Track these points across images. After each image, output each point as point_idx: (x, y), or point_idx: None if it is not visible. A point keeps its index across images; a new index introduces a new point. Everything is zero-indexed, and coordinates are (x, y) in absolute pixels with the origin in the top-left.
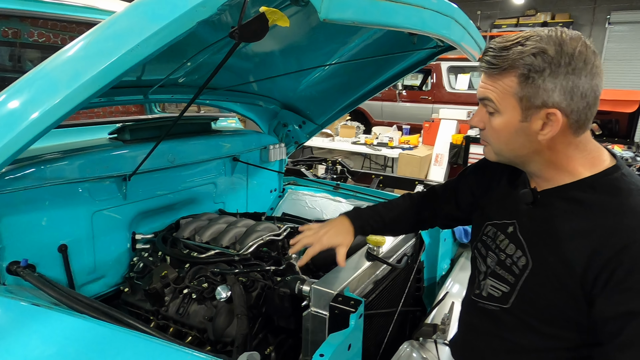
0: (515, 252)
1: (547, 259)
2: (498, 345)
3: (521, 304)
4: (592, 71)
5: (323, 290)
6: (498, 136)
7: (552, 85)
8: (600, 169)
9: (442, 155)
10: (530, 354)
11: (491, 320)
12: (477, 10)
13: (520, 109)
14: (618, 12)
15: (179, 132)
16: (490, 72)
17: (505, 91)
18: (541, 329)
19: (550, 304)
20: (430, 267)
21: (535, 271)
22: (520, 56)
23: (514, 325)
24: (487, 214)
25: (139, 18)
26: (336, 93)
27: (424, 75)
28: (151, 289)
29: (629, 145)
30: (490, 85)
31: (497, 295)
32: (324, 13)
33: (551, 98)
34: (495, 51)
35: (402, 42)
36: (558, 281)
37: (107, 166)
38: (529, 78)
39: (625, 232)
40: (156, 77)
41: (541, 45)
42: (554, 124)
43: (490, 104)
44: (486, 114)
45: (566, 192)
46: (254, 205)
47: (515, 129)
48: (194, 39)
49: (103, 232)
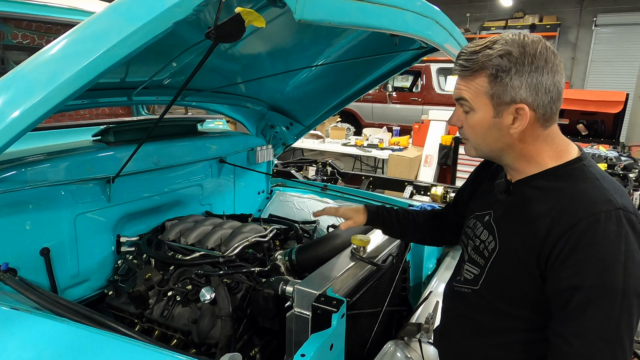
0: (487, 237)
1: (510, 241)
2: (468, 327)
3: (488, 284)
4: (553, 69)
5: (306, 291)
6: (474, 132)
7: (518, 82)
8: (565, 160)
9: (431, 156)
10: (497, 335)
11: (463, 302)
12: (467, 12)
13: (492, 106)
14: (604, 15)
15: (164, 134)
16: (463, 74)
17: (477, 91)
18: (505, 310)
19: (512, 284)
20: (416, 266)
21: (501, 253)
22: (488, 58)
23: (481, 307)
24: (472, 209)
25: (116, 19)
26: (323, 94)
27: (414, 77)
28: (135, 291)
29: (614, 145)
30: (464, 86)
31: (469, 278)
32: (298, 13)
33: (518, 94)
34: (466, 55)
35: (387, 43)
36: (519, 261)
37: (91, 168)
38: (497, 77)
39: (574, 212)
40: (140, 79)
41: (506, 47)
42: (522, 118)
43: (465, 103)
44: (462, 112)
45: (533, 181)
46: (241, 206)
47: (489, 124)
48: (176, 39)
49: (87, 235)
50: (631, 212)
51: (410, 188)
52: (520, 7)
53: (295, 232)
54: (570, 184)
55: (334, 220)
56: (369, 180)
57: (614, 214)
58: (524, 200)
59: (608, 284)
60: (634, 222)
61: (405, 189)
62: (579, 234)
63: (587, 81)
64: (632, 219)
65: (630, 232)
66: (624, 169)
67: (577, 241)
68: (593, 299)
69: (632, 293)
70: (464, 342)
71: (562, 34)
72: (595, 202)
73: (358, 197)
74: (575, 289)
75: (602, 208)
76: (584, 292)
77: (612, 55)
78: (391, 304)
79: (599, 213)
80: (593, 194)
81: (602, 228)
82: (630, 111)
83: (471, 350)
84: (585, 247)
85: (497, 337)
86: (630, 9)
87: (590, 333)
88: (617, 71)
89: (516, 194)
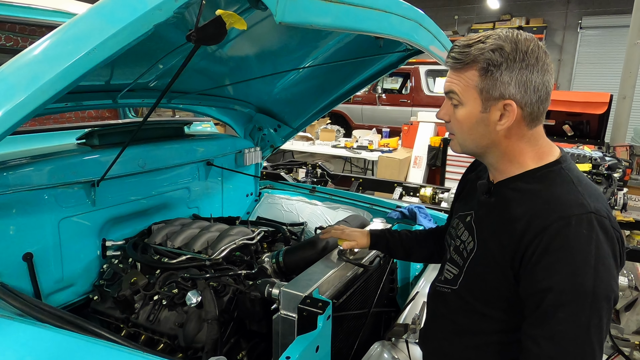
0: (467, 237)
1: (488, 242)
2: (448, 328)
3: (466, 284)
4: (543, 68)
5: (292, 293)
6: (461, 126)
7: (508, 78)
8: (545, 162)
9: (420, 158)
10: (474, 336)
11: (443, 303)
12: (455, 15)
13: (481, 100)
14: (589, 17)
15: (150, 136)
16: (455, 67)
17: (467, 84)
18: (482, 310)
19: (489, 285)
20: (404, 267)
21: (478, 254)
22: (480, 52)
23: (459, 307)
24: (457, 209)
25: (98, 21)
26: (311, 96)
27: (403, 78)
28: (120, 296)
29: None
30: (454, 79)
31: (449, 278)
32: (279, 16)
33: (507, 90)
34: (459, 48)
35: (372, 45)
36: (495, 262)
37: (75, 172)
38: (488, 71)
39: (546, 215)
40: (125, 81)
41: (499, 42)
42: (510, 114)
43: (455, 96)
44: (451, 107)
45: (513, 182)
46: (229, 209)
47: (476, 119)
48: (161, 42)
49: (71, 240)
50: (604, 217)
51: (400, 189)
52: (508, 9)
53: (282, 235)
54: (547, 186)
55: (322, 222)
56: (358, 181)
57: (585, 218)
58: (503, 201)
59: (578, 288)
60: (607, 226)
61: (394, 190)
62: (550, 237)
63: (573, 82)
64: (604, 222)
65: (602, 236)
66: (608, 169)
67: (548, 244)
68: (563, 302)
69: (601, 297)
70: (444, 342)
71: (549, 36)
72: (568, 206)
73: (346, 199)
74: (546, 292)
75: (574, 211)
76: (554, 295)
77: (597, 57)
78: (379, 305)
79: (570, 217)
80: (566, 197)
81: (573, 231)
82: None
83: (450, 350)
84: (557, 250)
85: (474, 338)
86: (614, 12)
87: (560, 336)
88: (602, 72)
89: (496, 196)
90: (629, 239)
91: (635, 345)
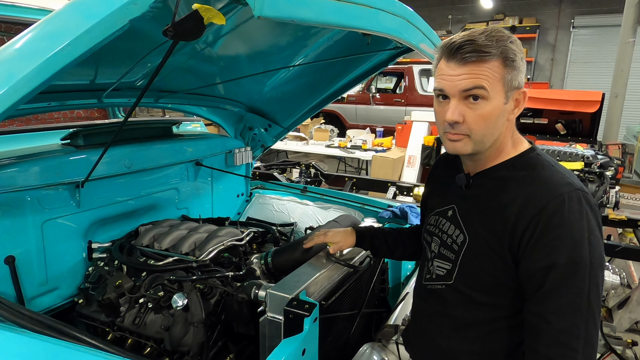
0: (455, 231)
1: (479, 232)
2: (445, 324)
3: (462, 277)
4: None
5: (278, 295)
6: (486, 123)
7: (522, 67)
8: (520, 150)
9: (414, 157)
10: (473, 327)
11: (438, 300)
12: (449, 14)
13: (504, 92)
14: (582, 17)
15: (137, 136)
16: (479, 59)
17: (494, 77)
18: (480, 300)
19: (487, 273)
20: (395, 267)
21: (471, 244)
22: (504, 44)
23: (457, 301)
24: (431, 207)
25: (73, 17)
26: (301, 95)
27: (397, 78)
28: (105, 299)
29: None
30: (478, 73)
31: (442, 274)
32: (257, 10)
33: (521, 79)
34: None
35: (362, 43)
36: (491, 250)
37: (58, 173)
38: (513, 62)
39: (540, 197)
40: (110, 80)
41: (508, 35)
42: (522, 102)
43: (482, 92)
44: (464, 106)
45: (494, 172)
46: (220, 210)
47: (500, 111)
48: (144, 39)
49: (55, 242)
50: (587, 192)
51: (394, 189)
52: (501, 9)
53: (272, 235)
54: (530, 172)
55: (313, 222)
56: (352, 181)
57: (574, 195)
58: (487, 191)
59: (577, 260)
60: (590, 200)
61: (388, 189)
62: (548, 215)
63: (566, 81)
64: (588, 197)
65: (589, 209)
66: (600, 167)
67: (546, 223)
68: (566, 275)
69: (597, 265)
70: (441, 340)
71: (542, 36)
72: (558, 185)
73: (338, 199)
74: (549, 268)
75: (565, 190)
76: (558, 270)
77: (590, 55)
78: (370, 306)
79: (563, 194)
80: (554, 178)
81: (567, 208)
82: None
83: (450, 347)
84: (556, 227)
85: (475, 330)
86: (606, 11)
87: (566, 308)
88: (595, 71)
89: (477, 187)
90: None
91: (628, 343)
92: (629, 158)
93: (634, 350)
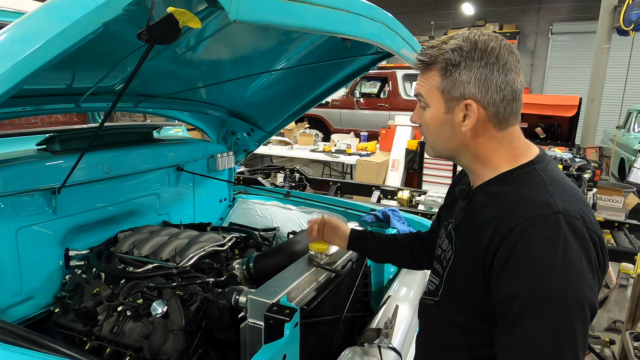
0: (448, 246)
1: (462, 250)
2: (433, 343)
3: (445, 294)
4: (506, 67)
5: (259, 300)
6: (429, 129)
7: (467, 77)
8: (519, 163)
9: (398, 161)
10: (456, 351)
11: (428, 315)
12: (431, 20)
13: (444, 101)
14: (560, 24)
15: (116, 141)
16: (419, 69)
17: (431, 85)
18: (461, 322)
19: (464, 295)
20: (378, 271)
21: (454, 261)
22: (441, 52)
23: (442, 320)
24: (444, 218)
25: (45, 19)
26: (283, 99)
27: (381, 83)
28: (82, 308)
29: (570, 147)
30: (421, 81)
31: (432, 289)
32: (233, 14)
33: (467, 90)
34: (424, 50)
35: (343, 48)
36: (468, 269)
37: (33, 179)
38: (447, 71)
39: (512, 218)
40: (88, 85)
41: (459, 42)
42: (471, 114)
43: (421, 98)
44: (421, 110)
45: (487, 186)
46: (202, 215)
47: (441, 120)
48: (122, 43)
49: (30, 250)
50: (575, 217)
51: (378, 193)
52: (482, 15)
53: (254, 240)
54: (516, 188)
55: (296, 226)
56: (336, 185)
57: (551, 218)
58: (477, 207)
59: (543, 292)
60: (577, 226)
61: (372, 193)
62: (515, 239)
63: (545, 86)
64: (574, 223)
65: (572, 237)
66: (578, 169)
67: (513, 247)
68: (529, 307)
69: (571, 303)
70: (431, 357)
71: (521, 42)
72: (533, 206)
73: (322, 203)
74: (513, 298)
75: (539, 212)
76: (520, 300)
77: (568, 61)
78: (352, 310)
79: (534, 217)
80: (533, 198)
81: (536, 233)
82: (584, 114)
83: None
84: (521, 253)
85: (458, 353)
86: (583, 18)
87: (529, 345)
88: (573, 76)
89: (472, 202)
90: None
91: (606, 342)
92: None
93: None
